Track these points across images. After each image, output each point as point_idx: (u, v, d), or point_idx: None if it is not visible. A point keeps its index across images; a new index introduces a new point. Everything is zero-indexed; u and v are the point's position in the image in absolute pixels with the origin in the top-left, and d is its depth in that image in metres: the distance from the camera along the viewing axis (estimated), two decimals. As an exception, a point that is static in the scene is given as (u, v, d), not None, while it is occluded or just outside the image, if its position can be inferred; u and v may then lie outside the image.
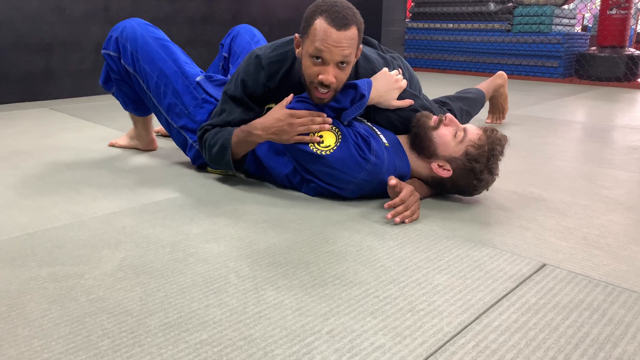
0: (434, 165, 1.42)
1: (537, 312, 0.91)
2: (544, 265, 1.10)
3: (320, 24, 1.29)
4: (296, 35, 1.40)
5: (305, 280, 1.01)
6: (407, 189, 1.35)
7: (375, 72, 1.50)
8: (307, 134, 1.39)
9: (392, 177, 1.35)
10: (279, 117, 1.39)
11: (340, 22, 1.28)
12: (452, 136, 1.41)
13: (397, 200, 1.32)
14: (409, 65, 1.71)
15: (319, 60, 1.32)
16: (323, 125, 1.38)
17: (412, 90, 1.55)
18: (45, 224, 1.28)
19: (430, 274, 1.04)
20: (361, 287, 0.99)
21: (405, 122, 1.51)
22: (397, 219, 1.29)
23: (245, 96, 1.50)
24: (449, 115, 1.46)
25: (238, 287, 0.98)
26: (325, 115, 1.40)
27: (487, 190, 1.46)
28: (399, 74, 1.52)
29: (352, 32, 1.30)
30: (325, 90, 1.36)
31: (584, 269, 1.08)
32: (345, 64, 1.34)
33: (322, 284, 1.00)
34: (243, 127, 1.46)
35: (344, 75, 1.37)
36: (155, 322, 0.87)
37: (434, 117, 1.46)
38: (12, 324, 0.86)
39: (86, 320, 0.87)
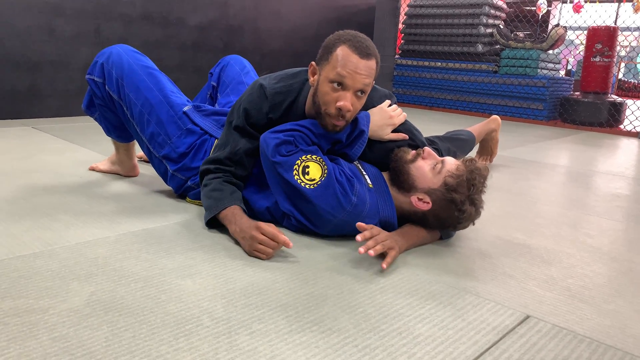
0: (414, 199, 1.39)
1: (520, 369, 0.88)
2: (528, 317, 1.07)
3: (343, 50, 1.32)
4: (312, 63, 1.40)
5: (281, 326, 0.97)
6: (377, 230, 1.30)
7: (374, 106, 1.51)
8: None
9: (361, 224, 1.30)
10: (250, 224, 1.31)
11: (363, 50, 1.32)
12: (430, 168, 1.40)
13: (366, 234, 1.26)
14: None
15: (339, 86, 1.33)
16: (279, 247, 1.27)
17: (411, 126, 1.55)
18: (13, 252, 1.23)
19: (411, 323, 1.01)
20: (340, 335, 0.95)
21: None
22: (364, 250, 1.24)
23: (248, 125, 1.48)
24: (426, 148, 1.45)
25: (210, 330, 0.94)
26: (287, 240, 1.27)
27: (474, 224, 1.41)
28: (397, 109, 1.53)
29: (373, 63, 1.34)
30: (342, 118, 1.36)
31: (568, 322, 1.06)
32: (362, 94, 1.35)
33: (299, 330, 0.96)
34: (236, 212, 1.37)
35: (359, 105, 1.38)
36: (120, 367, 0.82)
37: (412, 152, 1.45)
38: (-36, 364, 0.80)
39: (45, 362, 0.82)
